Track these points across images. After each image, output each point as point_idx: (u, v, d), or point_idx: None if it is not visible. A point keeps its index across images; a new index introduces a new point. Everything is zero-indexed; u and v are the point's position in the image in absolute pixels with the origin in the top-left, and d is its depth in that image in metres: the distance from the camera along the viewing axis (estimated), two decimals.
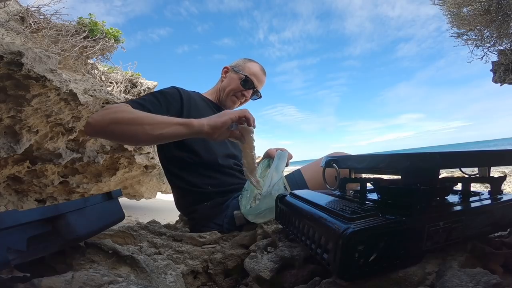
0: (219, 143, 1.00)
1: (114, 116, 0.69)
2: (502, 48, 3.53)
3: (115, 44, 3.20)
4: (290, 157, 1.00)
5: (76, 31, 2.82)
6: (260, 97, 1.14)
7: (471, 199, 0.46)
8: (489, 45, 3.61)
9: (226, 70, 1.11)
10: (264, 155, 1.05)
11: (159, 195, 4.31)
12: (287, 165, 0.96)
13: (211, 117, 0.72)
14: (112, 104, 2.31)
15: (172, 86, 0.95)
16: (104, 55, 3.23)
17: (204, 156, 0.93)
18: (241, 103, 1.11)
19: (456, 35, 3.78)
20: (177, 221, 1.07)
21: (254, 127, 0.77)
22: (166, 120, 0.71)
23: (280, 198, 0.59)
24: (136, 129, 0.68)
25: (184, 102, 0.92)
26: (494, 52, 3.63)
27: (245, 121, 0.76)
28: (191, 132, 0.70)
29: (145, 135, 0.69)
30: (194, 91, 1.08)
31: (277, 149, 1.02)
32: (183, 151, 0.92)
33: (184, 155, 0.92)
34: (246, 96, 1.08)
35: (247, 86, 1.05)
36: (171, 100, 0.89)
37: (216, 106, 1.09)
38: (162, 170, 3.58)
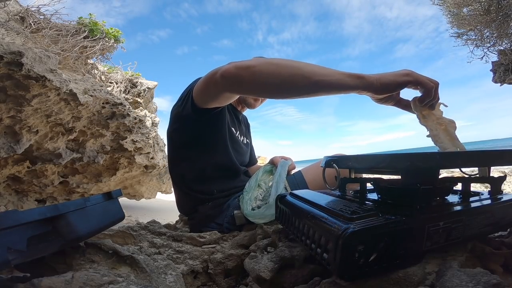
0: (239, 152, 1.00)
1: (266, 59, 0.61)
2: (502, 48, 3.53)
3: (115, 44, 3.20)
4: (293, 167, 0.99)
5: (76, 31, 2.82)
6: None
7: (471, 199, 0.46)
8: (489, 45, 3.61)
9: None
10: (269, 161, 1.06)
11: (159, 195, 4.31)
12: (288, 175, 0.97)
13: (384, 73, 0.59)
14: (112, 104, 2.31)
15: None
16: (104, 55, 3.24)
17: (219, 162, 0.92)
18: (262, 100, 1.09)
19: (456, 35, 3.78)
20: (177, 221, 1.08)
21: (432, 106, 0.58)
22: (328, 69, 0.59)
23: (280, 198, 0.59)
24: (292, 71, 0.57)
25: None
26: (494, 52, 3.63)
27: (425, 95, 0.56)
28: (358, 84, 0.56)
29: (303, 78, 0.56)
30: None
31: (282, 157, 1.02)
32: (197, 153, 0.90)
33: (194, 157, 0.90)
34: None
35: None
36: None
37: (233, 108, 1.08)
38: (162, 170, 3.54)
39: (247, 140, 1.15)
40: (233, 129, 1.01)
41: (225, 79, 0.61)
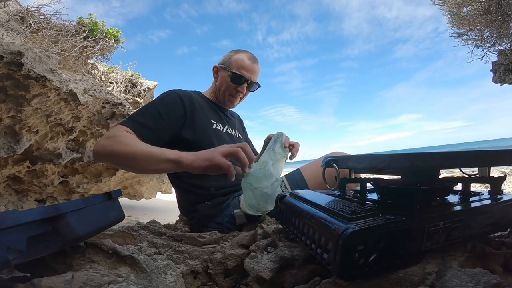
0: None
1: (112, 150, 0.73)
2: (502, 48, 3.53)
3: (115, 44, 3.20)
4: (287, 140, 0.96)
5: (76, 31, 2.82)
6: (259, 86, 1.09)
7: (471, 199, 0.46)
8: (489, 45, 3.61)
9: (216, 70, 1.08)
10: (265, 140, 1.02)
11: (159, 195, 4.30)
12: (288, 151, 0.92)
13: (201, 154, 0.68)
14: (112, 104, 2.31)
15: (172, 91, 0.93)
16: (104, 55, 3.23)
17: None
18: (241, 99, 1.09)
19: (456, 35, 3.78)
20: (177, 221, 1.08)
21: (249, 167, 0.69)
22: (159, 156, 0.70)
23: (280, 198, 0.59)
24: (132, 164, 0.73)
25: (186, 106, 0.91)
26: (494, 52, 3.63)
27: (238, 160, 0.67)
28: (180, 168, 0.69)
29: (141, 169, 0.74)
30: (195, 91, 1.07)
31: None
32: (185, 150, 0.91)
33: None
34: (241, 91, 1.04)
35: (239, 82, 1.02)
36: (172, 108, 0.88)
37: (217, 106, 1.08)
38: None
39: (239, 135, 1.15)
40: (219, 124, 1.02)
41: (94, 157, 0.77)
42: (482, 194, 0.48)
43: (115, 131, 0.78)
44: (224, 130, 1.04)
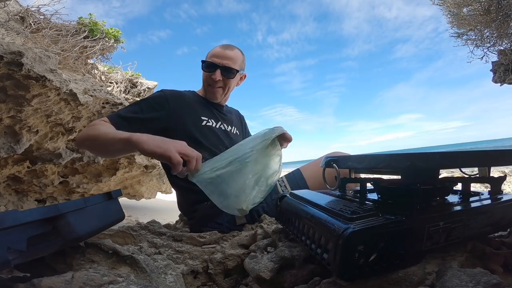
0: (224, 143, 1.01)
1: (87, 134, 0.80)
2: (502, 48, 3.53)
3: (115, 44, 3.20)
4: (289, 138, 0.93)
5: (76, 31, 2.82)
6: (237, 71, 1.03)
7: (471, 199, 0.46)
8: (489, 45, 3.60)
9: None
10: None
11: (159, 195, 4.30)
12: (283, 146, 0.91)
13: (157, 140, 0.69)
14: (112, 104, 2.32)
15: (161, 90, 0.98)
16: (104, 55, 3.23)
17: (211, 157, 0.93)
18: (223, 88, 1.05)
19: (456, 35, 3.78)
20: (177, 221, 1.08)
21: (196, 169, 0.68)
22: (116, 136, 0.74)
23: (280, 198, 0.59)
24: (99, 144, 0.79)
25: (171, 104, 0.94)
26: (494, 52, 3.63)
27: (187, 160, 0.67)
28: (131, 147, 0.71)
29: (105, 150, 0.80)
30: (189, 90, 1.10)
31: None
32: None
33: None
34: (215, 78, 1.00)
35: (209, 69, 1.01)
36: (154, 105, 0.92)
37: (210, 102, 1.09)
38: (162, 170, 3.57)
39: (237, 131, 1.14)
40: (212, 120, 1.02)
41: (76, 143, 0.85)
42: (482, 194, 0.48)
43: (94, 121, 0.84)
44: (217, 126, 1.04)
